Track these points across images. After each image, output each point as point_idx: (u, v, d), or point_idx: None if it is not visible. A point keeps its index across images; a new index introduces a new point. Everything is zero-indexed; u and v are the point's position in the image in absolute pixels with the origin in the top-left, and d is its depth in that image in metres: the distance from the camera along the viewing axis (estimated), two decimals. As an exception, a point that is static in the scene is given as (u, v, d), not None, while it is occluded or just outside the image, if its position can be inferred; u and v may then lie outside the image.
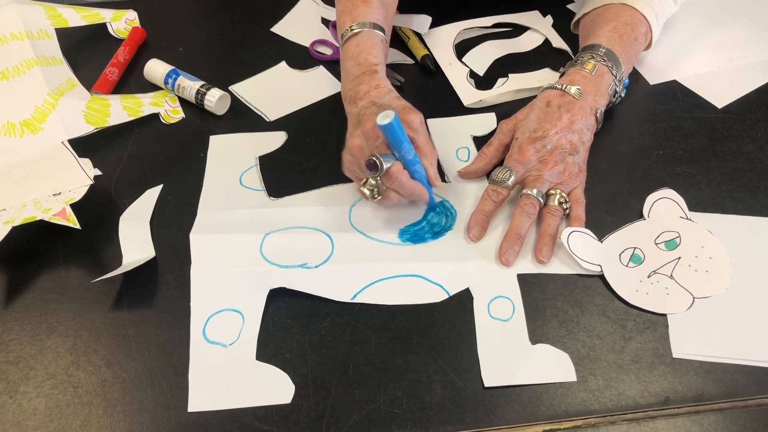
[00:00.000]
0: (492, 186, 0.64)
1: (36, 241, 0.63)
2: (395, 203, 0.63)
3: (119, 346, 0.56)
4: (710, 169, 0.68)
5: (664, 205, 0.64)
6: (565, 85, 0.67)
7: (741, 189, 0.66)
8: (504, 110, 0.73)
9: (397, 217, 0.64)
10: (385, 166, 0.57)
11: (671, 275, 0.59)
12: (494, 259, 0.61)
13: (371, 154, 0.58)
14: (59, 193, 0.61)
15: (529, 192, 0.62)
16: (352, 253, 0.61)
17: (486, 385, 0.53)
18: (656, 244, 0.61)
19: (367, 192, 0.60)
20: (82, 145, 0.69)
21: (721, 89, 0.76)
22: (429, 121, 0.73)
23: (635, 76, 0.77)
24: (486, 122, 0.73)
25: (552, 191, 0.63)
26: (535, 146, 0.63)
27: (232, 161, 0.70)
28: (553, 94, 0.67)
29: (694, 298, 0.58)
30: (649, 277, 0.59)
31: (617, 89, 0.70)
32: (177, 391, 0.53)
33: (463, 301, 0.58)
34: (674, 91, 0.77)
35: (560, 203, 0.62)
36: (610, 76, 0.68)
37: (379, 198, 0.60)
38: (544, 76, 0.77)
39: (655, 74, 0.78)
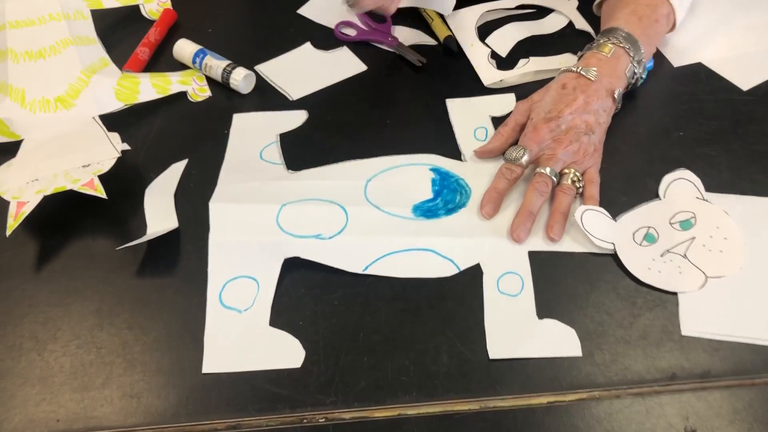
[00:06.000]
0: (506, 164, 0.64)
1: (66, 210, 0.66)
2: (373, 5, 0.71)
3: (141, 311, 0.58)
4: (731, 150, 0.68)
5: (681, 186, 0.64)
6: (580, 68, 0.67)
7: (762, 171, 0.66)
8: (524, 91, 0.73)
9: (411, 193, 0.65)
10: None
11: (685, 254, 0.59)
12: (506, 236, 0.61)
13: None
14: (88, 165, 0.64)
15: (542, 170, 0.63)
16: (366, 226, 0.62)
17: (491, 357, 0.54)
18: (671, 223, 0.61)
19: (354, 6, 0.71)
20: (112, 121, 0.72)
21: (746, 72, 0.75)
22: (449, 100, 0.74)
23: (659, 58, 0.77)
24: (506, 103, 0.73)
25: (565, 170, 0.63)
26: (549, 126, 0.64)
27: (253, 138, 0.72)
28: (569, 77, 0.67)
29: (707, 277, 0.58)
30: (662, 256, 0.59)
31: (636, 71, 0.69)
32: (193, 354, 0.55)
33: (473, 276, 0.59)
34: (698, 73, 0.76)
35: (573, 182, 0.63)
36: (627, 58, 0.68)
37: (352, 4, 0.70)
38: (565, 60, 0.77)
39: (679, 56, 0.77)
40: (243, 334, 0.56)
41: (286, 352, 0.55)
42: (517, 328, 0.55)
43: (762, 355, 0.53)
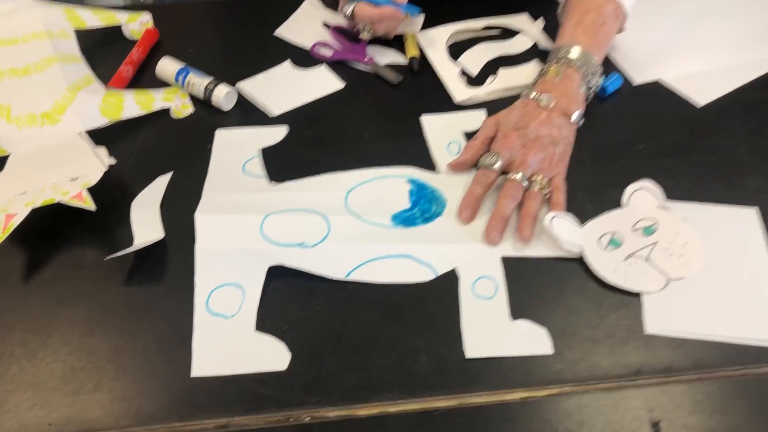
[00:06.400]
0: (481, 170, 0.68)
1: (55, 222, 0.67)
2: (384, 31, 0.85)
3: (130, 318, 0.60)
4: (689, 162, 0.72)
5: (643, 195, 0.68)
6: (537, 96, 0.72)
7: (717, 181, 0.70)
8: (494, 107, 0.77)
9: (390, 203, 0.68)
10: (347, 9, 0.81)
11: (647, 258, 0.63)
12: (480, 243, 0.64)
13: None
14: (76, 178, 0.66)
15: (514, 176, 0.67)
16: (347, 234, 0.65)
17: (467, 356, 0.57)
18: (634, 229, 0.65)
19: (365, 36, 0.84)
20: (98, 136, 0.74)
21: (702, 88, 0.80)
22: (424, 117, 0.78)
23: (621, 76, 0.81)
24: (477, 118, 0.77)
25: (534, 178, 0.67)
26: (518, 133, 0.68)
27: (235, 152, 0.74)
28: (529, 101, 0.72)
29: (668, 279, 0.61)
30: (626, 259, 0.63)
31: (591, 81, 0.74)
32: (182, 358, 0.57)
33: (449, 281, 0.62)
34: (657, 90, 0.81)
35: (541, 189, 0.67)
36: (578, 75, 0.73)
37: (372, 33, 0.83)
38: (532, 69, 0.81)
39: (639, 74, 0.82)
40: (230, 339, 0.58)
41: (272, 356, 0.57)
42: (492, 328, 0.58)
43: (720, 350, 0.57)
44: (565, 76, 0.73)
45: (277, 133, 0.77)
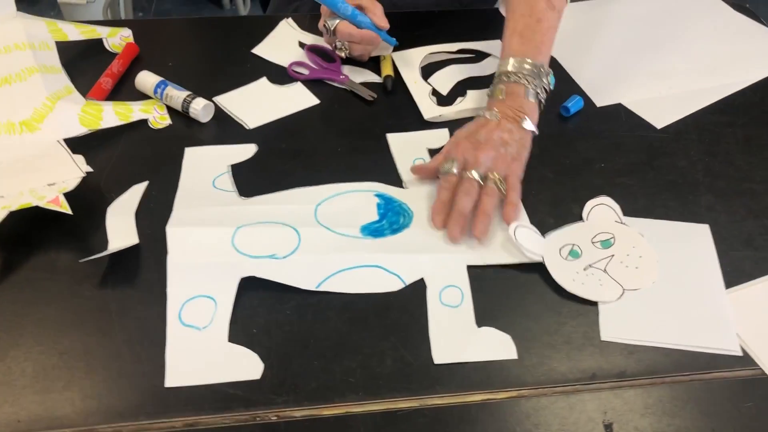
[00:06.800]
0: (442, 177, 0.71)
1: (31, 226, 0.68)
2: (359, 53, 0.88)
3: (103, 319, 0.61)
4: (646, 180, 0.76)
5: (602, 210, 0.71)
6: (487, 114, 0.75)
7: (672, 198, 0.74)
8: (459, 126, 0.79)
9: (359, 215, 0.70)
10: (330, 24, 0.84)
11: (605, 269, 0.66)
12: (446, 253, 0.67)
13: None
14: (54, 184, 0.67)
15: (468, 174, 0.70)
16: (318, 246, 0.67)
17: (435, 362, 0.59)
18: (593, 242, 0.68)
19: (340, 54, 0.87)
20: (76, 145, 0.75)
21: (660, 112, 0.84)
22: (390, 135, 0.81)
23: (585, 99, 0.85)
24: (440, 136, 0.81)
25: (489, 175, 0.70)
26: (468, 139, 0.72)
27: (205, 168, 0.75)
28: (482, 118, 0.76)
29: (624, 289, 0.64)
30: (585, 270, 0.66)
31: (539, 91, 0.77)
32: (153, 359, 0.58)
33: (417, 289, 0.64)
34: (619, 112, 0.85)
35: (496, 184, 0.69)
36: (521, 87, 0.76)
37: (347, 52, 0.87)
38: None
39: (602, 98, 0.86)
40: (203, 350, 0.59)
41: (245, 366, 0.58)
42: (458, 335, 0.61)
43: (670, 357, 0.60)
44: (508, 92, 0.76)
45: (246, 151, 0.79)
